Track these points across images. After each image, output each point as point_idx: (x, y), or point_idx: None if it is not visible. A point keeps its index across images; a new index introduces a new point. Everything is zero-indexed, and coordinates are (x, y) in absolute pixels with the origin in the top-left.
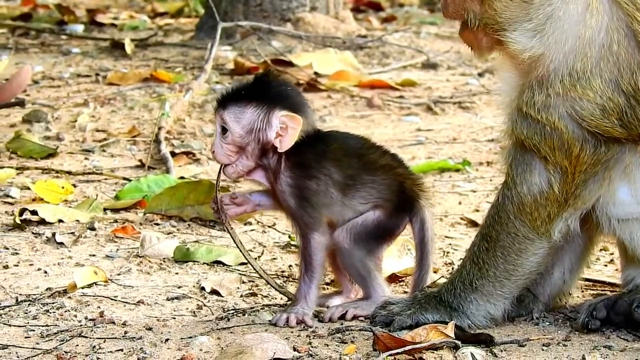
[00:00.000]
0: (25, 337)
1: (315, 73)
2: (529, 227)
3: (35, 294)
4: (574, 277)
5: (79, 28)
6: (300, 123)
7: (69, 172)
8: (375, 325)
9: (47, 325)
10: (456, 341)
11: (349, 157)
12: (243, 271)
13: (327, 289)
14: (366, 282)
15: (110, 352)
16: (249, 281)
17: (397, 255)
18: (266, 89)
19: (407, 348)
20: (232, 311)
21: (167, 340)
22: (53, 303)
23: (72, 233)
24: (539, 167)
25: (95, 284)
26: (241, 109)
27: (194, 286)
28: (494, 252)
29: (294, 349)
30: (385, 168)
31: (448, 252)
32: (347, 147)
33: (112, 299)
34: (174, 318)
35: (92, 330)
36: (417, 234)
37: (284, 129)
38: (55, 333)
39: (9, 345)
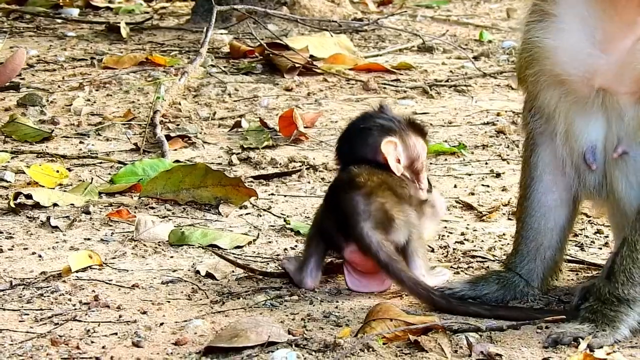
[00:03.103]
0: (20, 321)
1: (311, 56)
2: None
3: (29, 278)
4: (562, 255)
5: (74, 12)
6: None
7: (64, 156)
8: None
9: (41, 309)
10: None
11: None
12: (238, 255)
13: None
14: None
15: (105, 335)
16: (245, 264)
17: None
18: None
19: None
20: (227, 295)
21: (161, 324)
22: (47, 287)
23: (67, 217)
24: None
25: (90, 268)
26: None
27: (188, 270)
28: None
29: (289, 332)
30: None
31: (443, 236)
32: None
33: (106, 283)
34: (169, 302)
35: (86, 314)
36: None
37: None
38: (50, 317)
39: (3, 329)
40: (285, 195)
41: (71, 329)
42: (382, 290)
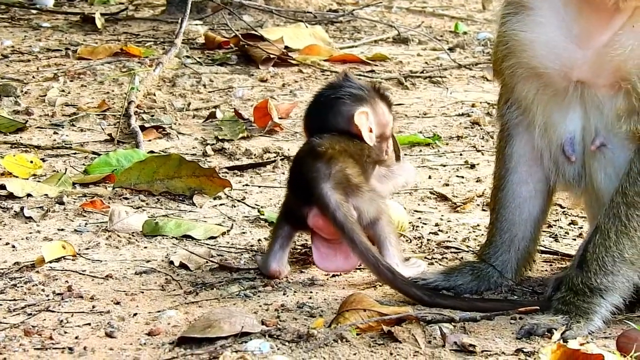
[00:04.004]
0: None
1: (286, 47)
2: None
3: (2, 269)
4: (535, 246)
5: (49, 2)
6: None
7: (38, 147)
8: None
9: (14, 300)
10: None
11: None
12: (212, 245)
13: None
14: None
15: (78, 326)
16: (218, 255)
17: None
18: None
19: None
20: (200, 285)
21: (135, 314)
22: (21, 277)
23: (41, 207)
24: None
25: (64, 258)
26: None
27: (162, 260)
28: None
29: (262, 323)
30: None
31: (417, 227)
32: None
33: (80, 273)
34: (142, 292)
35: (59, 305)
36: None
37: None
38: (23, 307)
39: None
40: (259, 186)
41: (44, 320)
42: (349, 269)
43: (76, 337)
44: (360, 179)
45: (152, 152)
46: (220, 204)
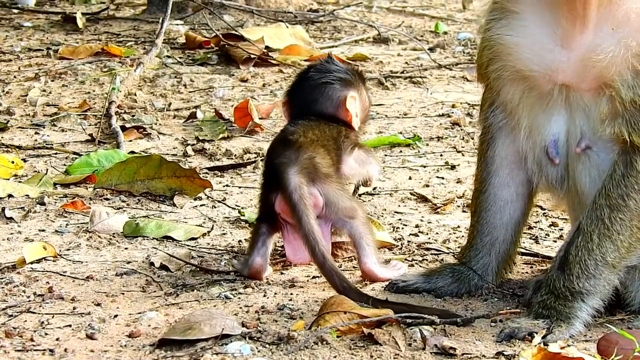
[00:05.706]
0: None
1: (267, 47)
2: None
3: None
4: (516, 248)
5: (31, 2)
6: None
7: (19, 147)
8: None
9: None
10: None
11: None
12: (192, 246)
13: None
14: None
15: (59, 327)
16: (199, 256)
17: None
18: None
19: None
20: (181, 287)
21: (115, 316)
22: (1, 278)
23: (22, 208)
24: None
25: (44, 259)
26: None
27: (143, 261)
28: (630, 223)
29: (243, 325)
30: None
31: (398, 228)
32: None
33: (61, 275)
34: (123, 294)
35: (40, 306)
36: None
37: None
38: (4, 309)
39: None
40: (239, 187)
41: (25, 321)
42: None
43: (57, 339)
44: (330, 169)
45: (132, 152)
46: (201, 205)
